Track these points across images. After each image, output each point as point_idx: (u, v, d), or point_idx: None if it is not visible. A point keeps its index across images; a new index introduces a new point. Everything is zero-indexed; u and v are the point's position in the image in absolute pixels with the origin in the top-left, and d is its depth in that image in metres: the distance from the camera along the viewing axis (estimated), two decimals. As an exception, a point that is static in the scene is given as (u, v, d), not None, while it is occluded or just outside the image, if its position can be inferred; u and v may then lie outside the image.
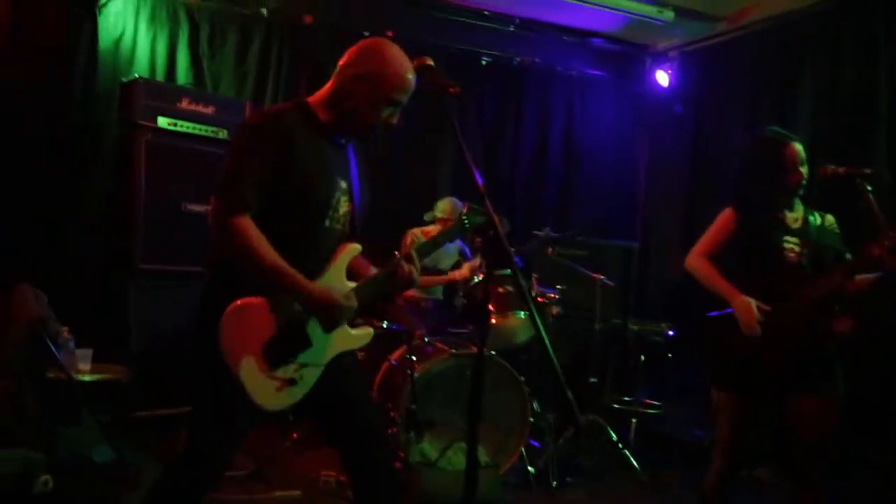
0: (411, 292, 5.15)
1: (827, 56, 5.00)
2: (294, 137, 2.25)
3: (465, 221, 2.59)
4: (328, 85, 2.39)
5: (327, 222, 2.36)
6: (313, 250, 2.35)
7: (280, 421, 4.45)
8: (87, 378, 3.89)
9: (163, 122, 4.53)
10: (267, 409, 2.27)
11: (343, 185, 2.42)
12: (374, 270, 2.51)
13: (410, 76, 2.34)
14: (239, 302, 2.19)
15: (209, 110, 4.74)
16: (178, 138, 4.58)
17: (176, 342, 4.33)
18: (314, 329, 2.31)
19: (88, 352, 4.00)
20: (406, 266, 2.42)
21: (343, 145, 2.47)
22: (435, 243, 2.66)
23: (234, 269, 2.23)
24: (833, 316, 2.83)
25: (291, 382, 2.29)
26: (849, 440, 3.12)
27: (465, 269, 4.80)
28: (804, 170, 2.96)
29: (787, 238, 2.93)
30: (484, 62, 6.20)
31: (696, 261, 3.13)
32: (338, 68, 2.37)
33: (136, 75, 4.70)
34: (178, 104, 4.62)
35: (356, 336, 2.46)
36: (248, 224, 2.18)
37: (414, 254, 2.45)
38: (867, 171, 2.81)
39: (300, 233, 2.31)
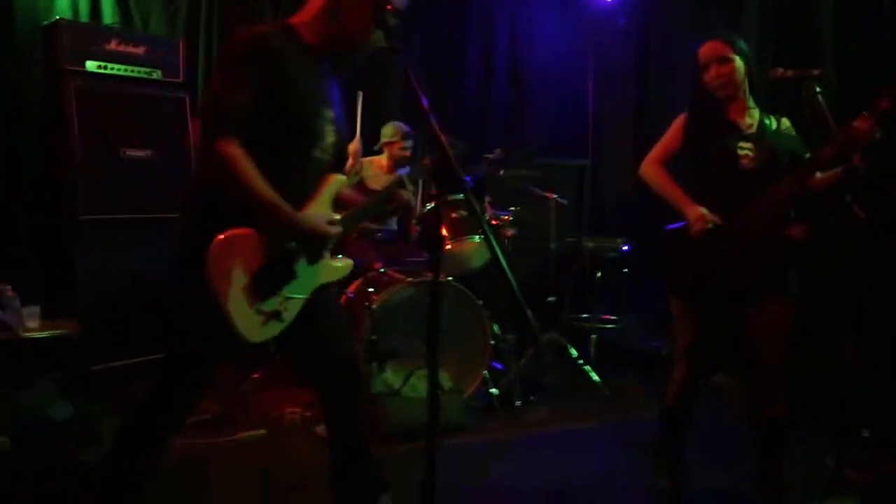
0: (364, 224, 5.10)
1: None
2: (285, 59, 2.14)
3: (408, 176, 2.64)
4: (313, 4, 2.26)
5: (317, 153, 2.29)
6: (302, 181, 2.29)
7: (244, 361, 4.46)
8: (36, 336, 3.81)
9: (91, 65, 4.32)
10: (252, 342, 2.23)
11: (329, 113, 2.32)
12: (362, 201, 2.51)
13: None
14: (227, 233, 2.13)
15: (140, 50, 4.53)
16: (109, 82, 4.38)
17: (124, 292, 4.26)
18: (300, 261, 2.30)
19: (35, 309, 3.91)
20: (401, 192, 2.51)
21: (326, 71, 2.35)
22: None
23: (217, 200, 2.15)
24: (788, 222, 2.80)
25: (276, 315, 2.27)
26: (804, 345, 3.14)
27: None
28: (721, 68, 2.84)
29: (742, 144, 2.86)
30: (425, -18, 6.03)
31: (649, 167, 3.09)
32: None
33: (58, 17, 4.46)
34: (107, 46, 4.41)
35: (338, 267, 2.47)
36: (236, 149, 2.07)
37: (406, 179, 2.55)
38: (815, 72, 2.76)
39: (291, 162, 2.23)
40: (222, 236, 2.11)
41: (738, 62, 2.86)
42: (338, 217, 2.37)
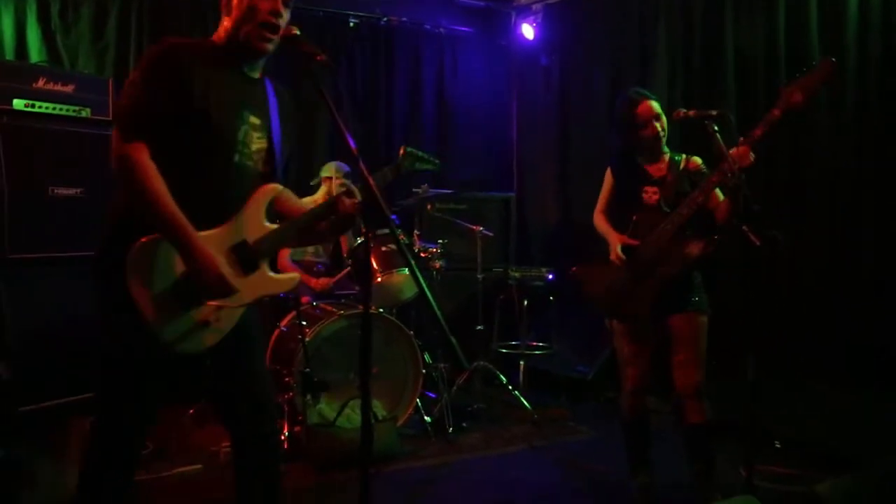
0: (308, 256, 5.21)
1: (680, 3, 5.25)
2: (193, 66, 2.14)
3: (405, 163, 2.76)
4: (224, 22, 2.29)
5: (236, 157, 2.24)
6: (224, 187, 2.23)
7: (177, 397, 4.42)
8: (-36, 377, 3.74)
9: (19, 103, 4.29)
10: (178, 351, 2.12)
11: (254, 119, 2.29)
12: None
13: None
14: (145, 239, 2.06)
15: (69, 89, 4.52)
16: (37, 120, 4.34)
17: (54, 330, 4.21)
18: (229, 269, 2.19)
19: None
20: (347, 200, 2.30)
21: (256, 80, 2.34)
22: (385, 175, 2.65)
23: (131, 208, 2.11)
24: (685, 240, 3.14)
25: (204, 324, 2.16)
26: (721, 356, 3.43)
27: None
28: (658, 124, 3.25)
29: (647, 188, 3.26)
30: (352, 24, 6.17)
31: (594, 217, 3.52)
32: None
33: (-16, 56, 4.46)
34: (35, 84, 4.38)
35: (279, 280, 2.35)
36: (142, 154, 2.05)
37: (353, 187, 2.34)
38: (713, 112, 3.08)
39: (206, 168, 2.18)
40: (144, 240, 2.06)
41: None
42: (272, 228, 2.29)
